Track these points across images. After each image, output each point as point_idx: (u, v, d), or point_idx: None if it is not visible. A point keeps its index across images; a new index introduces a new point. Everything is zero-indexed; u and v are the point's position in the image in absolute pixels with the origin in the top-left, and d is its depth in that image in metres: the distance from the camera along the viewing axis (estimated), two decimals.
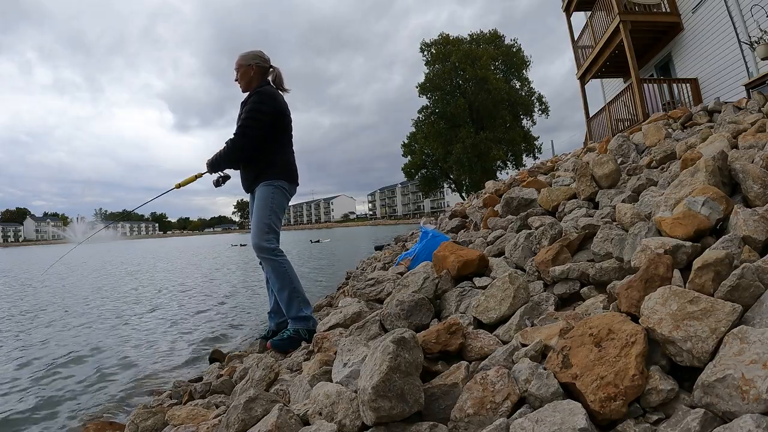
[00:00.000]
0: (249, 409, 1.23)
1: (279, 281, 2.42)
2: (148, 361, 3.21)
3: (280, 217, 2.54)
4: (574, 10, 10.69)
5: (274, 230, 2.46)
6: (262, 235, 2.41)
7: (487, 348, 1.34)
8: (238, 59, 2.62)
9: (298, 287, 2.45)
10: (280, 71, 2.68)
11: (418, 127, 33.17)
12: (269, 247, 2.41)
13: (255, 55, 2.62)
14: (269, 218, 2.44)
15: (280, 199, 2.52)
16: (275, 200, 2.48)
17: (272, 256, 2.41)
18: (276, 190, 2.50)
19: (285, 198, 2.56)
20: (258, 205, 2.48)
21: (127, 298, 6.40)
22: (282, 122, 2.54)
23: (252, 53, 2.63)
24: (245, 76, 2.60)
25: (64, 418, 2.28)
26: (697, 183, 1.84)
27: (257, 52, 2.65)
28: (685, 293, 1.04)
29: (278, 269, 2.41)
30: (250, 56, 2.61)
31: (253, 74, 2.59)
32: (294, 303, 2.41)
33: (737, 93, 6.12)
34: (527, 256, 2.16)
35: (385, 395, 1.02)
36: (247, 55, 2.62)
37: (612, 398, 0.90)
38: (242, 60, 2.60)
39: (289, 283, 2.42)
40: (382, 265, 4.73)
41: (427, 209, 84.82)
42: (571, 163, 4.99)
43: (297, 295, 2.43)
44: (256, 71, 2.59)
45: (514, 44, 33.75)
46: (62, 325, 4.67)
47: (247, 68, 2.58)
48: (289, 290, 2.41)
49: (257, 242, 2.41)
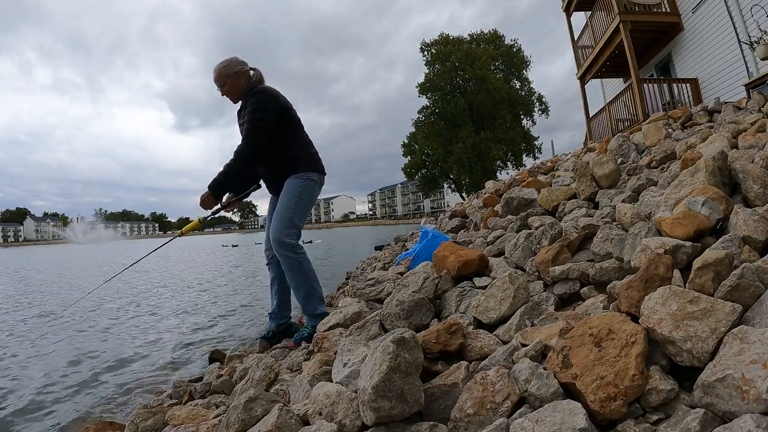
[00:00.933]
0: (249, 409, 1.23)
1: (296, 279, 2.36)
2: (147, 361, 3.21)
3: (306, 212, 2.45)
4: (574, 10, 10.69)
5: (296, 225, 2.37)
6: (284, 230, 2.32)
7: (487, 348, 1.34)
8: (218, 72, 2.46)
9: (315, 285, 2.41)
10: (260, 71, 2.57)
11: (418, 127, 33.20)
12: (289, 243, 2.32)
13: (235, 63, 2.49)
14: (293, 212, 2.35)
15: (309, 193, 2.43)
16: (303, 194, 2.40)
17: (291, 252, 2.32)
18: (304, 183, 2.41)
19: (314, 191, 2.47)
20: (283, 198, 2.38)
21: (126, 298, 6.40)
22: (289, 116, 2.46)
23: (231, 62, 2.49)
24: (234, 86, 2.47)
25: (63, 417, 2.28)
26: (697, 183, 1.84)
27: (234, 58, 2.52)
28: (685, 293, 1.04)
29: (296, 267, 2.34)
30: (231, 66, 2.47)
31: (243, 81, 2.48)
32: (312, 300, 2.38)
33: (737, 93, 6.12)
34: (527, 256, 2.16)
35: (385, 395, 1.02)
36: (226, 65, 2.47)
37: (612, 398, 0.90)
38: (224, 70, 2.45)
39: (306, 281, 2.37)
40: (382, 265, 4.73)
41: (427, 209, 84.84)
42: (571, 163, 4.99)
43: (314, 293, 2.39)
44: (243, 77, 2.48)
45: (514, 44, 33.82)
46: (61, 324, 4.67)
47: (234, 78, 2.45)
48: (306, 288, 2.37)
49: (278, 237, 2.31)
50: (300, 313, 2.63)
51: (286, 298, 2.65)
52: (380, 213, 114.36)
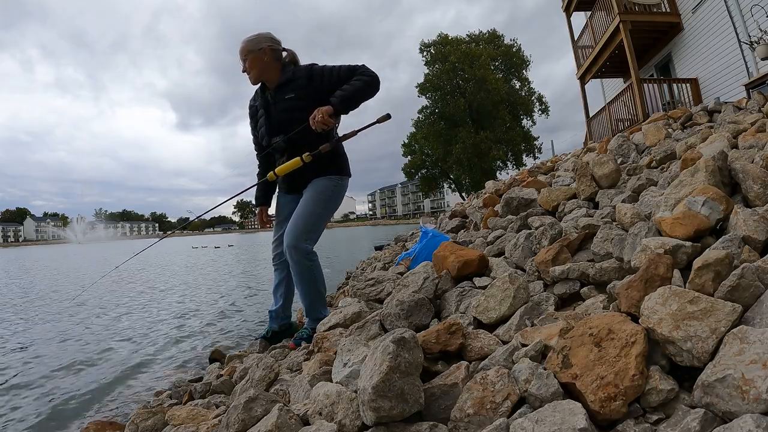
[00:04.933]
0: (249, 409, 1.23)
1: (305, 285, 2.24)
2: (147, 361, 3.21)
3: (330, 218, 2.27)
4: (574, 10, 10.70)
5: (318, 230, 2.20)
6: (304, 234, 2.12)
7: (487, 348, 1.34)
8: (245, 44, 2.21)
9: (323, 291, 2.34)
10: (293, 52, 2.29)
11: (418, 127, 33.21)
12: (306, 249, 2.14)
13: (266, 38, 2.22)
14: (319, 216, 2.16)
15: (338, 197, 2.26)
16: (332, 199, 2.21)
17: (306, 259, 2.17)
18: (337, 187, 2.22)
19: (342, 196, 2.30)
20: (310, 199, 2.16)
21: (125, 299, 6.40)
22: None
23: (261, 35, 2.23)
24: (257, 63, 2.20)
25: (63, 418, 2.28)
26: (697, 183, 1.84)
27: (265, 33, 2.25)
28: (685, 293, 1.04)
29: (307, 274, 2.21)
30: (260, 39, 2.21)
31: (267, 60, 2.20)
32: (317, 307, 2.34)
33: (737, 93, 6.13)
34: (527, 256, 2.16)
35: (385, 395, 1.02)
36: (255, 38, 2.21)
37: (612, 398, 0.90)
38: (250, 44, 2.20)
39: (315, 289, 2.28)
40: (382, 265, 4.73)
41: (427, 209, 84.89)
42: (571, 163, 4.99)
43: (321, 299, 2.34)
44: (270, 56, 2.21)
45: (513, 44, 33.83)
46: (60, 324, 4.67)
47: (259, 53, 2.19)
48: (315, 295, 2.30)
49: (294, 241, 2.10)
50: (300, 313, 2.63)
51: (290, 300, 2.65)
52: (380, 213, 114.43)
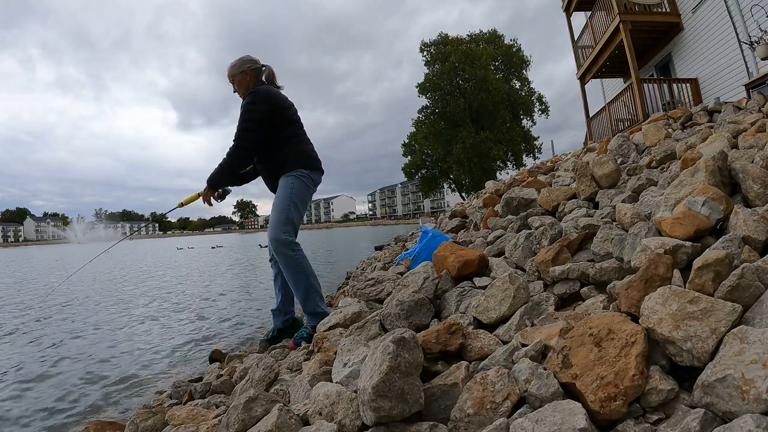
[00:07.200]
0: (249, 409, 1.23)
1: (294, 276, 2.39)
2: (147, 361, 3.21)
3: (301, 209, 2.49)
4: (574, 10, 10.70)
5: (291, 222, 2.42)
6: (280, 227, 2.36)
7: (487, 348, 1.34)
8: (230, 70, 2.60)
9: (314, 282, 2.43)
10: (271, 68, 2.66)
11: (418, 127, 33.19)
12: (286, 240, 2.36)
13: (245, 60, 2.60)
14: (288, 209, 2.40)
15: (300, 188, 2.48)
16: (294, 190, 2.45)
17: (288, 249, 2.36)
18: (296, 179, 2.47)
19: (307, 186, 2.53)
20: (277, 196, 2.44)
21: (124, 298, 6.40)
22: (282, 116, 2.50)
23: (241, 60, 2.60)
24: (243, 83, 2.57)
25: (63, 417, 2.28)
26: (697, 183, 1.84)
27: (245, 57, 2.62)
28: (685, 293, 1.04)
29: (293, 264, 2.38)
30: (241, 63, 2.59)
31: (249, 79, 2.57)
32: (311, 299, 2.40)
33: (737, 93, 6.13)
34: (527, 256, 2.16)
35: (385, 395, 1.02)
36: (237, 63, 2.59)
37: (612, 398, 0.90)
38: (234, 70, 2.58)
39: (305, 279, 2.39)
40: (382, 265, 4.73)
41: (427, 209, 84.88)
42: (571, 163, 4.99)
43: (313, 291, 2.41)
44: (251, 75, 2.58)
45: (513, 44, 33.79)
46: (60, 324, 4.67)
47: (242, 75, 2.56)
48: (305, 285, 2.39)
49: (275, 235, 2.36)
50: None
51: (289, 296, 2.67)
52: (380, 213, 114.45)
